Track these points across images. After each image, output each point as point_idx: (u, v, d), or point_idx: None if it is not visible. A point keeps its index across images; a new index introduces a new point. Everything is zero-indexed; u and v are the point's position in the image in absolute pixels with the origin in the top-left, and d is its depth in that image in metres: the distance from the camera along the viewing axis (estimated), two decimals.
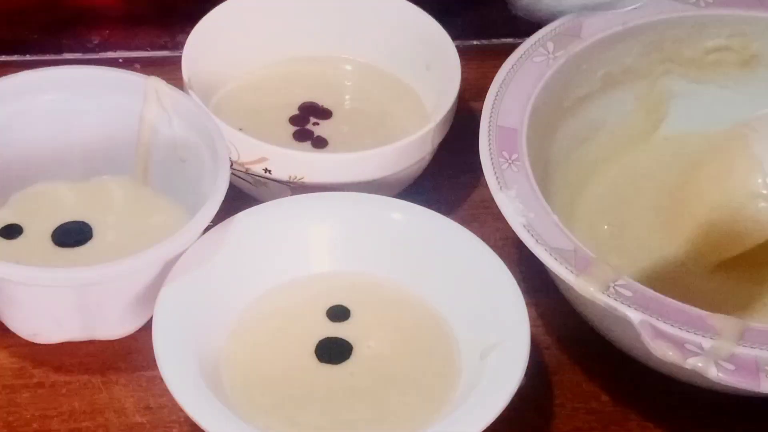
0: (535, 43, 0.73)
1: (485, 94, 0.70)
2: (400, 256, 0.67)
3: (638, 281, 0.61)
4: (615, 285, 0.60)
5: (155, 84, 0.69)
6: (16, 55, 0.83)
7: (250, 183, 0.72)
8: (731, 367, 0.57)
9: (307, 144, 0.76)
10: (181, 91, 0.70)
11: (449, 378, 0.63)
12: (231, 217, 0.67)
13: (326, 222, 0.68)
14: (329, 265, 0.68)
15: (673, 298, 0.60)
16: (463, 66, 0.75)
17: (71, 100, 0.70)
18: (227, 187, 0.64)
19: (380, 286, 0.67)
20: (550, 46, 0.73)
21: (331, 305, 0.66)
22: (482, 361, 0.61)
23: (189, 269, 0.64)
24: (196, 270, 0.64)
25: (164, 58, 0.83)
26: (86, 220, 0.69)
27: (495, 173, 0.66)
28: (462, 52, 0.76)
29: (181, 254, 0.64)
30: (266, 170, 0.70)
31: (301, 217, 0.68)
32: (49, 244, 0.68)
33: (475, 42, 0.86)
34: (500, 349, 0.61)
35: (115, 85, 0.70)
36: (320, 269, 0.68)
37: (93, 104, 0.70)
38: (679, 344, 0.58)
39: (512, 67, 0.71)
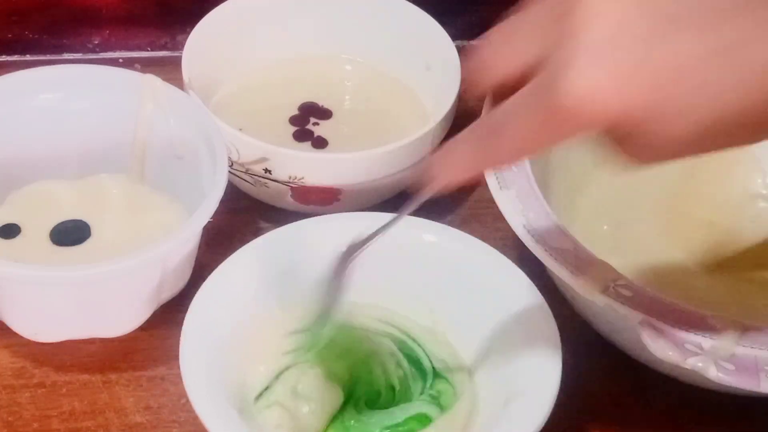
0: None
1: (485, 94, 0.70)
2: (431, 283, 0.66)
3: (638, 281, 0.61)
4: (615, 285, 0.60)
5: (151, 82, 0.70)
6: (16, 55, 0.83)
7: (250, 183, 0.72)
8: (731, 367, 0.57)
9: (307, 144, 0.76)
10: (177, 89, 0.70)
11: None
12: (259, 237, 0.66)
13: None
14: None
15: (673, 298, 0.60)
16: (463, 66, 0.75)
17: (67, 99, 0.70)
18: (225, 184, 0.64)
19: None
20: None
21: None
22: (504, 406, 0.60)
23: (216, 291, 0.63)
24: (222, 292, 0.63)
25: (164, 58, 0.83)
26: (84, 219, 0.69)
27: (495, 173, 0.66)
28: (462, 52, 0.76)
29: (180, 252, 0.65)
30: (266, 170, 0.70)
31: (329, 239, 0.65)
32: (48, 243, 0.68)
33: (475, 42, 0.86)
34: (525, 397, 0.60)
35: (112, 83, 0.70)
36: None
37: (89, 102, 0.70)
38: (679, 344, 0.58)
39: None
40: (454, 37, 0.77)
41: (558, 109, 0.45)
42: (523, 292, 0.63)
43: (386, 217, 0.61)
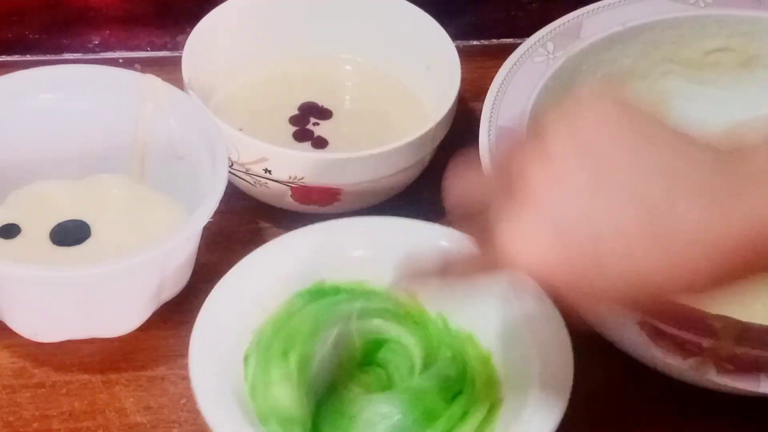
0: (535, 44, 0.73)
1: (485, 94, 0.70)
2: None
3: None
4: None
5: (151, 82, 0.70)
6: (16, 55, 0.83)
7: (250, 183, 0.72)
8: (731, 367, 0.57)
9: (307, 144, 0.76)
10: (177, 89, 0.70)
11: None
12: (276, 239, 0.66)
13: (369, 248, 0.66)
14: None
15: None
16: (463, 66, 0.75)
17: (67, 99, 0.70)
18: (225, 184, 0.64)
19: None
20: (550, 46, 0.73)
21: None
22: (517, 412, 0.60)
23: (227, 294, 0.63)
24: (234, 295, 0.63)
25: (164, 58, 0.83)
26: (84, 219, 0.69)
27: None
28: (462, 52, 0.76)
29: (180, 252, 0.65)
30: (266, 170, 0.70)
31: (342, 243, 0.66)
32: (48, 243, 0.68)
33: (475, 42, 0.86)
34: (538, 401, 0.60)
35: (112, 83, 0.70)
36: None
37: (89, 103, 0.70)
38: (679, 344, 0.58)
39: (512, 67, 0.71)
40: (454, 37, 0.77)
41: (495, 260, 0.50)
42: (534, 297, 0.63)
43: (399, 221, 0.64)
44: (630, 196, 0.48)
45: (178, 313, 0.67)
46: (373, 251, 0.66)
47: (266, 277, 0.64)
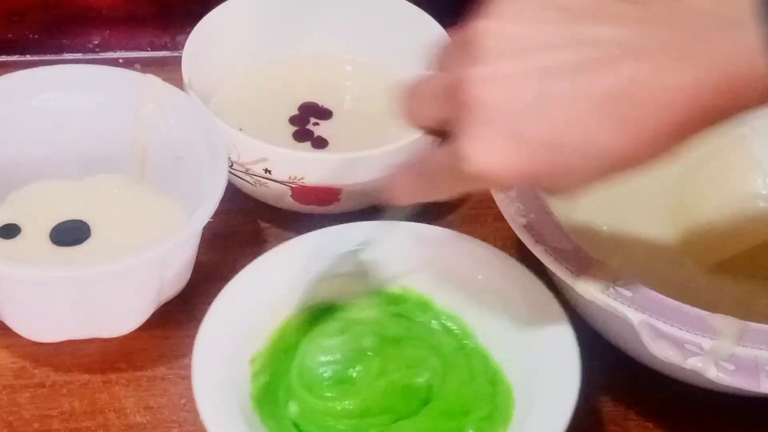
0: None
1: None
2: (450, 289, 0.66)
3: (638, 281, 0.61)
4: (615, 285, 0.60)
5: (151, 82, 0.70)
6: (16, 55, 0.83)
7: (250, 183, 0.72)
8: (731, 367, 0.57)
9: (307, 144, 0.76)
10: (177, 89, 0.70)
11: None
12: (285, 242, 0.66)
13: (367, 251, 0.66)
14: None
15: (673, 298, 0.60)
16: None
17: (67, 99, 0.70)
18: (225, 184, 0.64)
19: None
20: None
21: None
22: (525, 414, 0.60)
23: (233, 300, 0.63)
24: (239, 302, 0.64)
25: (164, 58, 0.83)
26: (84, 219, 0.69)
27: None
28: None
29: (180, 252, 0.65)
30: (266, 170, 0.70)
31: (342, 247, 0.66)
32: (48, 243, 0.68)
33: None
34: (543, 404, 0.60)
35: (112, 83, 0.70)
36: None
37: (89, 103, 0.70)
38: (679, 344, 0.58)
39: None
40: None
41: (467, 175, 0.50)
42: (541, 299, 0.64)
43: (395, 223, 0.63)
44: (572, 71, 0.48)
45: (178, 313, 0.67)
46: (375, 255, 0.66)
47: (275, 283, 0.64)
